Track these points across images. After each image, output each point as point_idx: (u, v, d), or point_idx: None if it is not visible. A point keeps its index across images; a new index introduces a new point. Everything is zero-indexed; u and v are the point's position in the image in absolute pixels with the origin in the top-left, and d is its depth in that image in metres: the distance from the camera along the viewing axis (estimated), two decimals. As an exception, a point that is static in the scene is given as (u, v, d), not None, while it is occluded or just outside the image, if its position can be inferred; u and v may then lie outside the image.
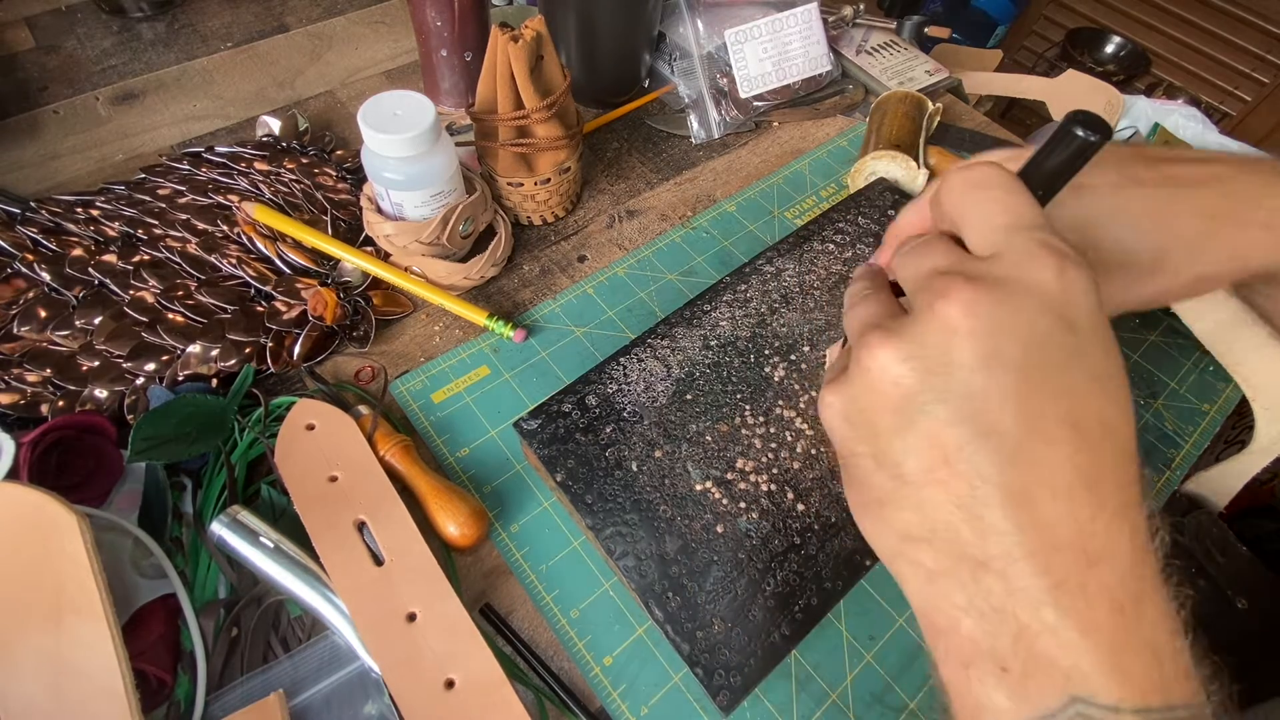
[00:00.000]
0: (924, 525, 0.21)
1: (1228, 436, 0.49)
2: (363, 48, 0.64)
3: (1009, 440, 0.19)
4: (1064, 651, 0.18)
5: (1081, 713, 0.18)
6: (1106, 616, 0.18)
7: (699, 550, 0.33)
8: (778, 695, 0.33)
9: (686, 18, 0.57)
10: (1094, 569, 0.18)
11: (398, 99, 0.41)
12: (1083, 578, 0.18)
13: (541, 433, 0.36)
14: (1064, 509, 0.18)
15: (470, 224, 0.45)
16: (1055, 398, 0.19)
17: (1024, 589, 0.19)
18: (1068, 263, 0.19)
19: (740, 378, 0.38)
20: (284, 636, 0.33)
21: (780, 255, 0.45)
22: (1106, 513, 0.18)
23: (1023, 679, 0.19)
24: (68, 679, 0.27)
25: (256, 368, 0.40)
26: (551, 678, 0.33)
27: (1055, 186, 0.24)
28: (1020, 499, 0.19)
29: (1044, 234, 0.20)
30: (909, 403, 0.21)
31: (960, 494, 0.20)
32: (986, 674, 0.19)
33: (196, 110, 0.57)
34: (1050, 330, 0.19)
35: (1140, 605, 0.18)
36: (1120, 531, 0.18)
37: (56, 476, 0.33)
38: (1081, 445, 0.19)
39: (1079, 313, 0.19)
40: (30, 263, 0.41)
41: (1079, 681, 0.18)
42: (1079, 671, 0.18)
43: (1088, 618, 0.18)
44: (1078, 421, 0.19)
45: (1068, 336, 0.19)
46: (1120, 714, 0.17)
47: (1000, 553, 0.19)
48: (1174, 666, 0.18)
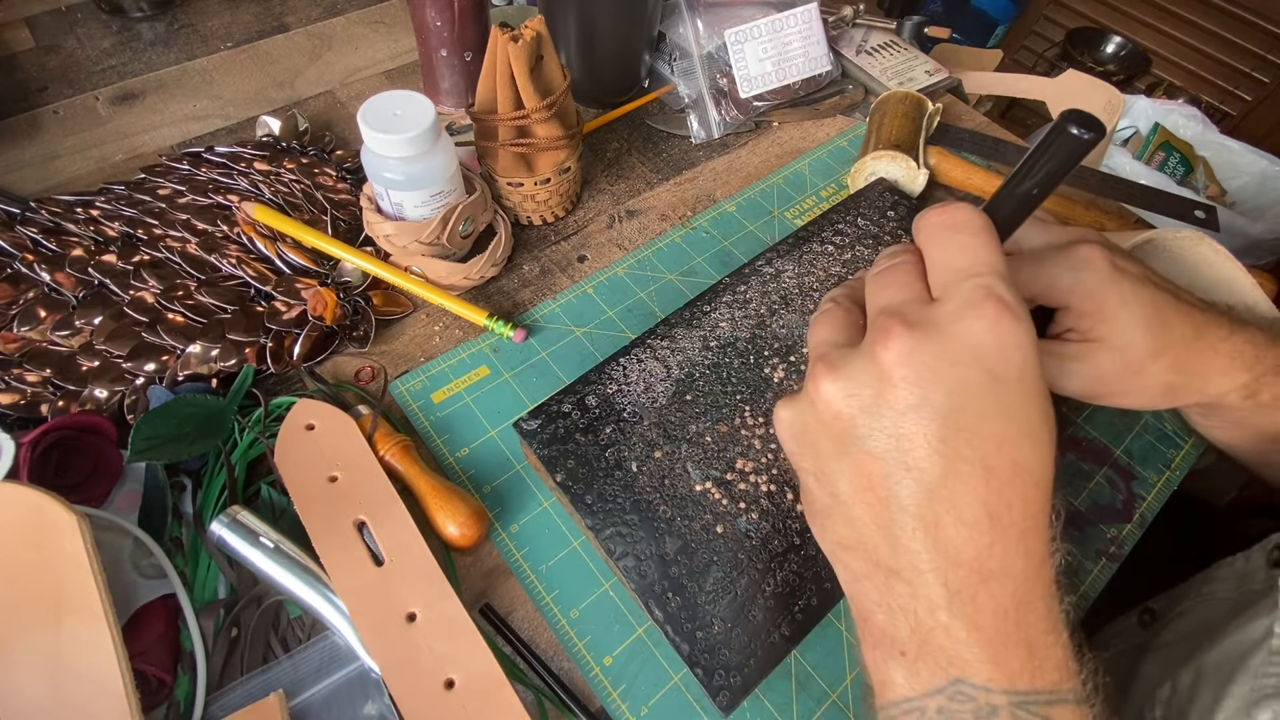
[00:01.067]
0: (852, 537, 0.25)
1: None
2: (363, 48, 0.64)
3: (927, 476, 0.22)
4: (952, 643, 0.22)
5: (960, 690, 0.22)
6: (991, 620, 0.21)
7: (699, 550, 0.33)
8: (778, 695, 0.33)
9: (686, 18, 0.57)
10: (986, 584, 0.22)
11: (398, 99, 0.41)
12: (975, 590, 0.22)
13: (541, 433, 0.36)
14: (967, 535, 0.22)
15: (470, 224, 0.45)
16: (972, 443, 0.22)
17: (925, 595, 0.22)
18: (1004, 315, 0.22)
19: (740, 379, 0.38)
20: (284, 636, 0.33)
21: (780, 256, 0.45)
22: (1005, 539, 0.22)
23: (915, 661, 0.23)
24: (67, 679, 0.27)
25: (256, 368, 0.40)
26: (551, 678, 0.33)
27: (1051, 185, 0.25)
28: (931, 525, 0.22)
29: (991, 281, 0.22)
30: (846, 434, 0.24)
31: (881, 517, 0.23)
32: (889, 656, 0.24)
33: (196, 110, 0.57)
34: (977, 382, 0.22)
35: (1022, 612, 0.22)
36: (1016, 555, 0.22)
37: (56, 476, 0.33)
38: (991, 484, 0.21)
39: (1007, 366, 0.22)
40: (30, 262, 0.41)
41: (961, 666, 0.22)
42: (961, 659, 0.22)
43: (975, 620, 0.22)
44: (990, 464, 0.21)
45: (993, 388, 0.22)
46: (991, 693, 0.21)
47: (909, 565, 0.23)
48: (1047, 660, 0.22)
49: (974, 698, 0.21)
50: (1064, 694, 0.22)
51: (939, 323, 0.22)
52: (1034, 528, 0.22)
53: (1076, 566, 0.39)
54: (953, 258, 0.24)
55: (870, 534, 0.24)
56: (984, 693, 0.21)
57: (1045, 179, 0.25)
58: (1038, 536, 0.22)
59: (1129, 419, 0.45)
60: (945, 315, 0.22)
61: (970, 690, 0.21)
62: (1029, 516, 0.22)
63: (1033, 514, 0.22)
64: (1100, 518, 0.41)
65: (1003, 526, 0.22)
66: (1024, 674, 0.21)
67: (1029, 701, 0.21)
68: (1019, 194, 0.26)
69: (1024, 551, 0.22)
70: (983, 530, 0.21)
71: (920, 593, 0.22)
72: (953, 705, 0.22)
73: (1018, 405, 0.22)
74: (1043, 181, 0.25)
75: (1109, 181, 0.55)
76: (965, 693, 0.22)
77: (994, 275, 0.22)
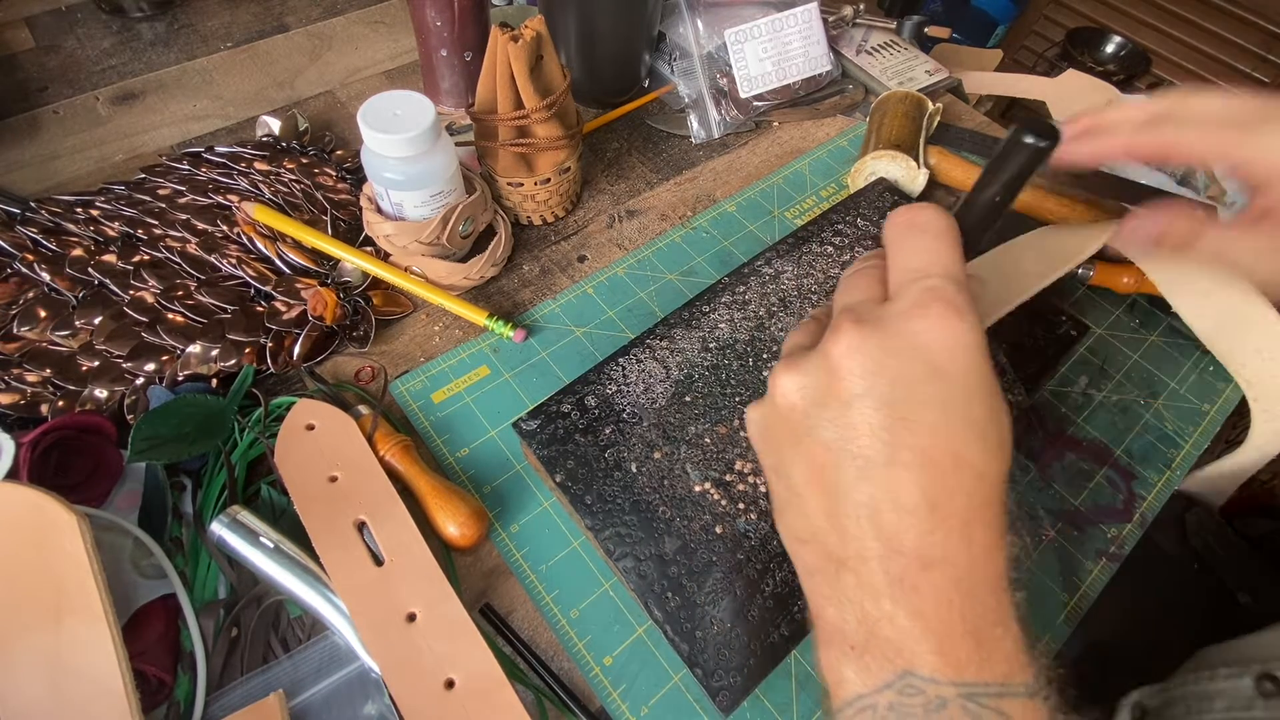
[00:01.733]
0: (806, 529, 0.25)
1: (1228, 436, 0.49)
2: (363, 48, 0.64)
3: (870, 464, 0.23)
4: (897, 634, 0.22)
5: (909, 683, 0.21)
6: (934, 608, 0.22)
7: (698, 551, 0.33)
8: (778, 695, 0.33)
9: (686, 17, 0.57)
10: (927, 571, 0.22)
11: (397, 99, 0.41)
12: (916, 578, 0.22)
13: (541, 433, 0.36)
14: (908, 522, 0.22)
15: (470, 224, 0.45)
16: (914, 431, 0.22)
17: (869, 584, 0.23)
18: (949, 315, 0.22)
19: (739, 380, 0.38)
20: (284, 636, 0.33)
21: (779, 256, 0.45)
22: (947, 528, 0.22)
23: (864, 655, 0.23)
24: (67, 679, 0.27)
25: (256, 368, 0.40)
26: (551, 678, 0.33)
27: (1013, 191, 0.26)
28: (872, 512, 0.22)
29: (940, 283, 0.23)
30: (800, 425, 0.25)
31: (830, 506, 0.24)
32: (840, 651, 0.24)
33: (196, 110, 0.57)
34: (920, 375, 0.22)
35: (967, 602, 0.21)
36: (958, 544, 0.22)
37: (56, 476, 0.33)
38: (931, 473, 0.22)
39: (951, 362, 0.22)
40: (30, 262, 0.41)
41: (907, 658, 0.22)
42: (908, 650, 0.22)
43: (918, 608, 0.22)
44: (930, 454, 0.22)
45: (936, 382, 0.22)
46: (939, 685, 0.21)
47: (855, 554, 0.23)
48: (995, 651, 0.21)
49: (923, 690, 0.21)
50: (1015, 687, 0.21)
51: (886, 319, 0.23)
52: (978, 520, 0.22)
53: (1076, 566, 0.39)
54: (909, 259, 0.25)
55: (821, 525, 0.24)
56: (932, 685, 0.21)
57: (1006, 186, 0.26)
58: (983, 528, 0.22)
59: (1129, 419, 0.45)
60: (894, 313, 0.23)
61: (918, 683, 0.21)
62: (972, 509, 0.22)
63: (976, 506, 0.22)
64: (1100, 518, 0.41)
65: (943, 515, 0.22)
66: (971, 665, 0.21)
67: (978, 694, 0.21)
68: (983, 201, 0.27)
69: (967, 541, 0.22)
70: (923, 517, 0.22)
71: (865, 581, 0.23)
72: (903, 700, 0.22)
73: (960, 400, 0.22)
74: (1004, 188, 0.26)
75: (1109, 181, 0.55)
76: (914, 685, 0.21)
77: (944, 277, 0.23)
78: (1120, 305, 0.50)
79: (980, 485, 0.22)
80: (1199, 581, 0.46)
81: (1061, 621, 0.37)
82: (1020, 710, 0.21)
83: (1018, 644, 0.22)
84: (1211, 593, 0.47)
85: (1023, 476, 0.41)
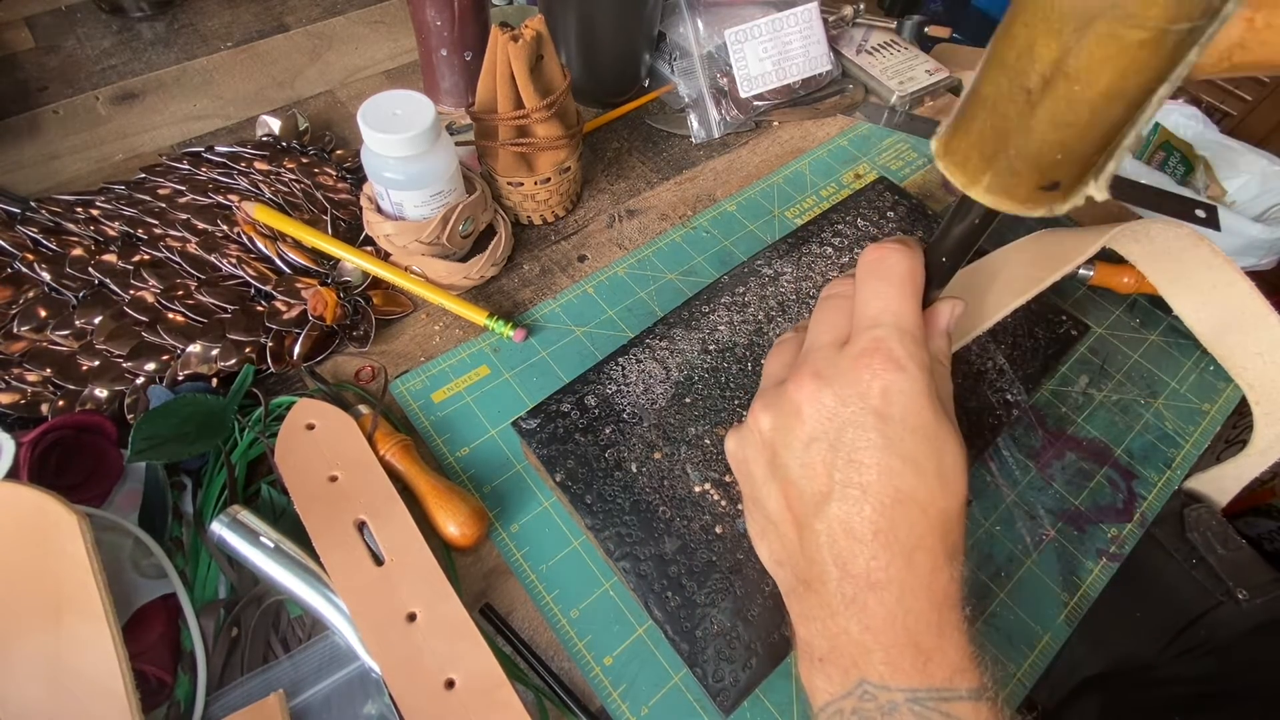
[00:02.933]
0: (782, 553, 0.28)
1: (1228, 436, 0.49)
2: (362, 47, 0.64)
3: (825, 499, 0.26)
4: (851, 646, 0.25)
5: (865, 690, 0.24)
6: (881, 623, 0.24)
7: (698, 551, 0.33)
8: (778, 695, 0.33)
9: (686, 17, 0.57)
10: (874, 591, 0.25)
11: (397, 99, 0.41)
12: (865, 597, 0.25)
13: (540, 432, 0.36)
14: (858, 549, 0.25)
15: (470, 224, 0.45)
16: (859, 472, 0.25)
17: (828, 603, 0.26)
18: (889, 368, 0.25)
19: (738, 384, 0.38)
20: (284, 636, 0.33)
21: (779, 257, 0.45)
22: (890, 554, 0.25)
23: (828, 666, 0.26)
24: (67, 679, 0.27)
25: (256, 367, 0.40)
26: (551, 678, 0.33)
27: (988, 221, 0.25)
28: (830, 540, 0.26)
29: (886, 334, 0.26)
30: (773, 461, 0.28)
31: (799, 535, 0.27)
32: (810, 663, 0.27)
33: (196, 110, 0.57)
34: (865, 421, 0.25)
35: (909, 617, 0.24)
36: (902, 567, 0.24)
37: (56, 476, 0.33)
38: (875, 506, 0.25)
39: (890, 408, 0.25)
40: (30, 262, 0.41)
41: (862, 668, 0.25)
42: (862, 660, 0.25)
43: (867, 623, 0.25)
44: (874, 490, 0.25)
45: (879, 426, 0.25)
46: (890, 691, 0.24)
47: (818, 577, 0.26)
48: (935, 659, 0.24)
49: (876, 696, 0.24)
50: (958, 692, 0.24)
51: (839, 370, 0.26)
52: (920, 546, 0.25)
53: (1076, 565, 0.39)
54: (866, 303, 0.27)
55: (794, 550, 0.27)
56: (883, 691, 0.24)
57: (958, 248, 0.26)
58: (925, 554, 0.25)
59: (1129, 419, 0.45)
60: (844, 364, 0.26)
61: (872, 689, 0.24)
62: (914, 537, 0.25)
63: (919, 535, 0.25)
64: (1101, 517, 0.41)
65: (887, 543, 0.25)
66: (915, 672, 0.24)
67: (922, 697, 0.24)
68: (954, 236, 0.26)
69: (909, 565, 0.25)
70: (867, 544, 0.25)
71: (825, 601, 0.26)
72: (863, 705, 0.24)
73: (902, 441, 0.25)
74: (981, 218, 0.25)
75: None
76: (869, 692, 0.24)
77: (891, 327, 0.26)
78: (1120, 305, 0.50)
79: (922, 517, 0.25)
80: (1193, 577, 0.46)
81: (1061, 621, 0.37)
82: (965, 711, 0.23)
83: (962, 653, 0.25)
84: (1207, 589, 0.47)
85: (1023, 476, 0.41)
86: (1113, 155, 0.21)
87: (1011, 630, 0.36)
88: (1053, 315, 0.44)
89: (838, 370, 0.26)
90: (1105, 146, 0.21)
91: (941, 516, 0.25)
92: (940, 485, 0.25)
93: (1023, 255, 0.42)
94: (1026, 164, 0.22)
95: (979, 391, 0.40)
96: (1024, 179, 0.22)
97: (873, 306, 0.27)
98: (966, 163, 0.23)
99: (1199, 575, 0.48)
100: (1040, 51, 0.19)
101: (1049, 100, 0.20)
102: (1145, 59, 0.18)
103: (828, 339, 0.28)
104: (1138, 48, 0.18)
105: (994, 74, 0.22)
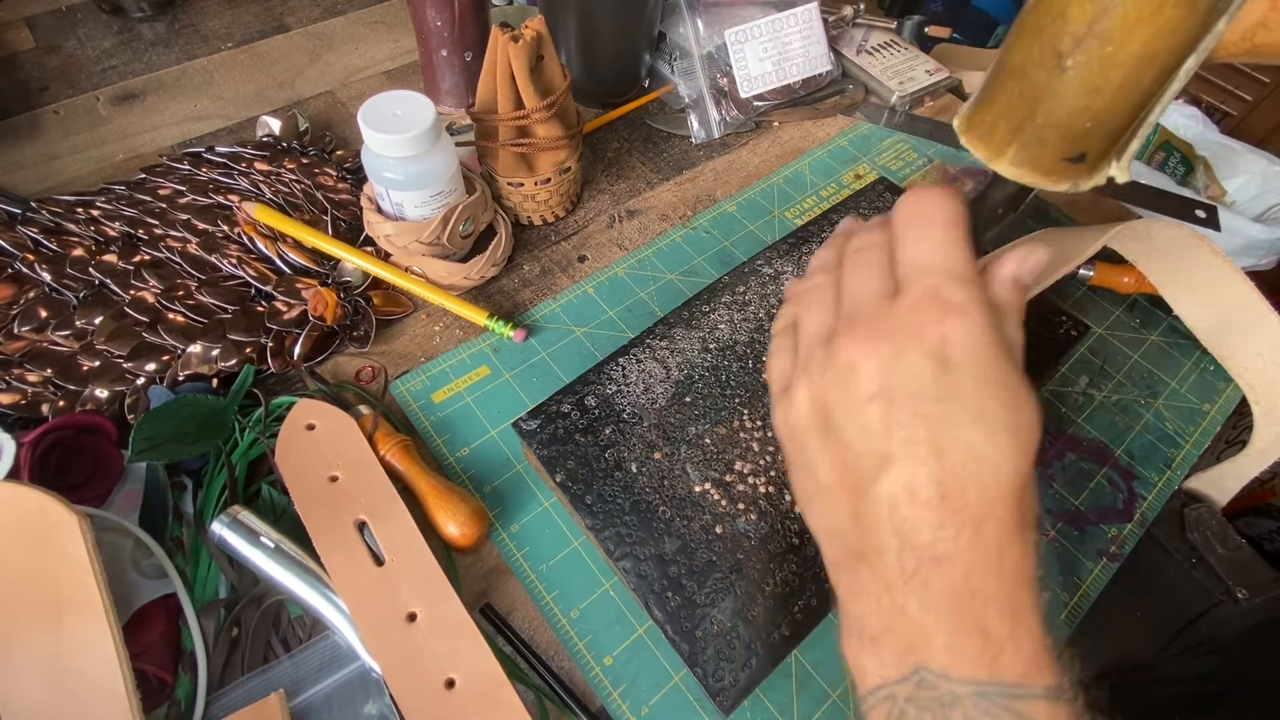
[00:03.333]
0: (833, 523, 0.26)
1: (1228, 436, 0.49)
2: (363, 48, 0.64)
3: (887, 459, 0.23)
4: (909, 627, 0.22)
5: (924, 678, 0.22)
6: (945, 603, 0.22)
7: (698, 551, 0.33)
8: (778, 695, 0.33)
9: (686, 17, 0.57)
10: (939, 565, 0.22)
11: (398, 99, 0.41)
12: (928, 573, 0.22)
13: (541, 433, 0.36)
14: (921, 515, 0.22)
15: (470, 224, 0.45)
16: (927, 425, 0.23)
17: (885, 577, 0.23)
18: (948, 315, 0.23)
19: (738, 382, 0.38)
20: (284, 636, 0.33)
21: (779, 256, 0.45)
22: (958, 522, 0.22)
23: (881, 647, 0.23)
24: (68, 679, 0.27)
25: (257, 368, 0.40)
26: (552, 677, 0.33)
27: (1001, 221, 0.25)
28: (890, 507, 0.23)
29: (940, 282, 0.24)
30: (826, 426, 0.25)
31: (853, 503, 0.24)
32: (861, 643, 0.24)
33: (197, 110, 0.57)
34: (926, 370, 0.23)
35: (977, 598, 0.22)
36: (968, 540, 0.22)
37: (57, 477, 0.33)
38: (943, 465, 0.22)
39: (957, 353, 0.23)
40: (31, 263, 0.41)
41: (920, 652, 0.22)
42: (920, 645, 0.22)
43: (928, 602, 0.22)
44: (941, 445, 0.22)
45: (943, 375, 0.23)
46: (953, 682, 0.21)
47: (873, 549, 0.23)
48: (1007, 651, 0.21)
49: (936, 685, 0.22)
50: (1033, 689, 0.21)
51: (893, 321, 0.24)
52: (991, 514, 0.22)
53: (1077, 566, 0.39)
54: (915, 252, 0.25)
55: (845, 520, 0.25)
56: (945, 680, 0.21)
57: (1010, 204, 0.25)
58: (996, 524, 0.22)
59: (1129, 419, 0.45)
60: (899, 316, 0.24)
61: (932, 677, 0.22)
62: (984, 502, 0.22)
63: (989, 501, 0.22)
64: (1101, 518, 0.41)
65: (955, 509, 0.22)
66: (981, 663, 0.21)
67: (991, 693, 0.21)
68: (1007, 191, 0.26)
69: (978, 536, 0.22)
70: (935, 509, 0.22)
71: (881, 575, 0.23)
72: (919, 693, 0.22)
73: (970, 392, 0.23)
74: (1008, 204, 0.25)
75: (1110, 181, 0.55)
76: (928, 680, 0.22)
77: (944, 275, 0.24)
78: (1121, 305, 0.50)
79: (995, 478, 0.22)
80: (1192, 576, 0.46)
81: (1062, 621, 0.37)
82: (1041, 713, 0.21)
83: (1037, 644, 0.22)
84: (1207, 588, 0.47)
85: (1023, 476, 0.41)
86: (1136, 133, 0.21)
87: (1011, 630, 0.37)
88: (1053, 315, 0.44)
89: (892, 322, 0.24)
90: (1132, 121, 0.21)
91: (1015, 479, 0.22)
92: (1014, 442, 0.22)
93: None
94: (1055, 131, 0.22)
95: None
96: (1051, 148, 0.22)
97: (921, 253, 0.24)
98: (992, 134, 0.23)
99: (1199, 574, 0.48)
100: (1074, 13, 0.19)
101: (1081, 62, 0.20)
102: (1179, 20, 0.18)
103: (872, 290, 0.25)
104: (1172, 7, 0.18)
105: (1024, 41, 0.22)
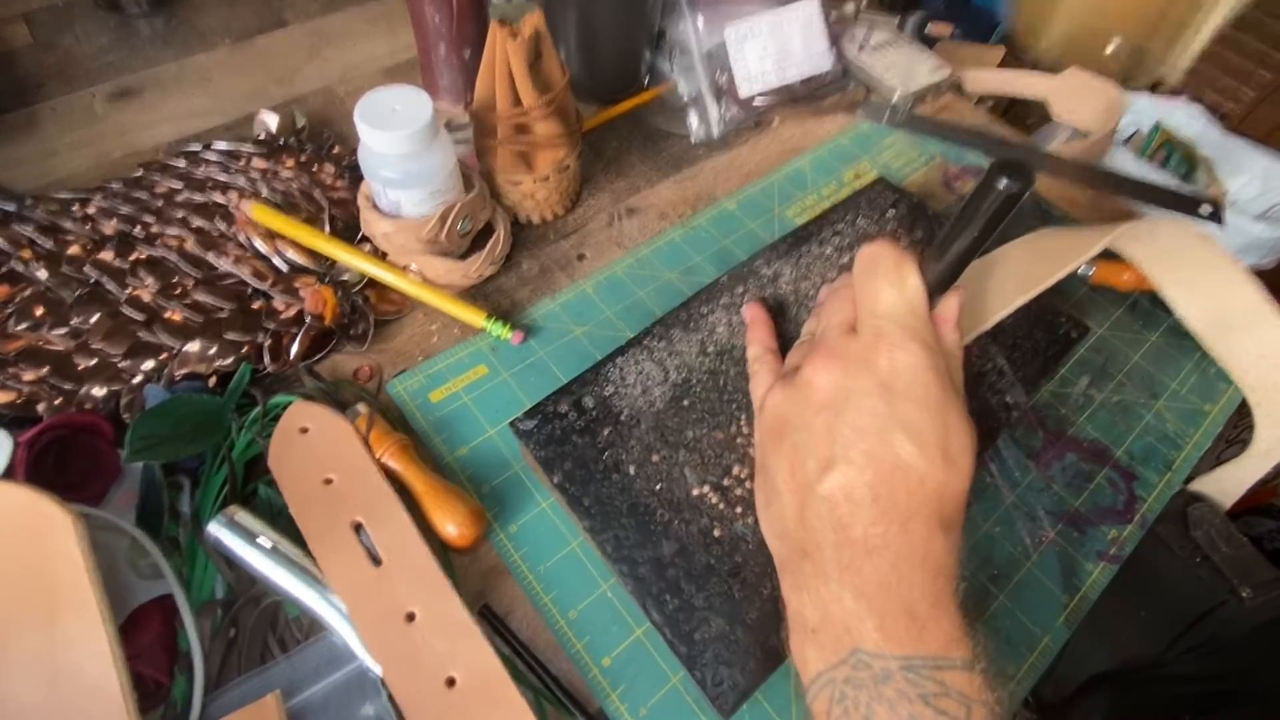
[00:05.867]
0: (781, 525, 0.29)
1: (1229, 436, 0.49)
2: (361, 44, 0.64)
3: (830, 463, 0.27)
4: (844, 614, 0.25)
5: (859, 659, 0.25)
6: (875, 590, 0.25)
7: (696, 553, 0.33)
8: (777, 697, 0.33)
9: (686, 14, 0.57)
10: (870, 556, 0.25)
11: (395, 94, 0.40)
12: (860, 563, 0.25)
13: (538, 433, 0.36)
14: (856, 514, 0.26)
15: (468, 222, 0.45)
16: (862, 438, 0.26)
17: (823, 570, 0.26)
18: (895, 350, 0.27)
19: (736, 386, 0.38)
20: (281, 637, 0.33)
21: (779, 257, 0.44)
22: (888, 520, 0.25)
23: (821, 636, 0.26)
24: (63, 680, 0.27)
25: (254, 366, 0.40)
26: (550, 678, 0.33)
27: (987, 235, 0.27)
28: (830, 506, 0.26)
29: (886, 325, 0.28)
30: (782, 431, 0.30)
31: (800, 501, 0.28)
32: (804, 636, 0.27)
33: (194, 107, 0.57)
34: (870, 390, 0.27)
35: (903, 585, 0.25)
36: (898, 534, 0.25)
37: (53, 476, 0.33)
38: (876, 471, 0.26)
39: (899, 381, 0.27)
40: (26, 261, 0.41)
41: (855, 636, 0.25)
42: (856, 629, 0.25)
43: (861, 589, 0.25)
44: (874, 455, 0.26)
45: (883, 395, 0.27)
46: (885, 659, 0.24)
47: (814, 544, 0.27)
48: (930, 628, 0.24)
49: (870, 664, 0.24)
50: (952, 660, 0.24)
51: (849, 351, 0.28)
52: (918, 516, 0.25)
53: (1076, 567, 0.39)
54: (864, 299, 0.29)
55: (792, 520, 0.28)
56: (877, 659, 0.24)
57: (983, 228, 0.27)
58: (921, 523, 0.25)
59: (1130, 420, 0.45)
60: (853, 348, 0.28)
61: (866, 657, 0.25)
62: (911, 506, 0.25)
63: (915, 505, 0.25)
64: (1101, 519, 0.41)
65: (885, 509, 0.25)
66: (909, 640, 0.24)
67: (917, 665, 0.24)
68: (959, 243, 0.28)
69: (905, 532, 0.25)
70: (867, 509, 0.26)
71: (821, 568, 0.26)
72: (855, 674, 0.25)
73: (905, 411, 0.26)
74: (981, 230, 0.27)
75: (1113, 178, 0.55)
76: (863, 660, 0.25)
77: (889, 318, 0.28)
78: (1121, 305, 0.50)
79: (920, 488, 0.26)
80: (1197, 574, 0.46)
81: (1061, 623, 0.37)
82: (958, 680, 0.24)
83: (955, 623, 0.25)
84: (1211, 587, 0.47)
85: (1023, 477, 0.41)
86: None
87: (1011, 633, 0.36)
88: (1053, 317, 0.44)
89: (848, 350, 0.28)
90: None
91: (937, 490, 0.26)
92: (942, 460, 0.26)
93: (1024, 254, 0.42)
94: None
95: (979, 394, 0.40)
96: None
97: (873, 301, 0.29)
98: None
99: (1203, 573, 0.47)
100: None
101: None
102: None
103: (836, 323, 0.30)
104: None
105: None
